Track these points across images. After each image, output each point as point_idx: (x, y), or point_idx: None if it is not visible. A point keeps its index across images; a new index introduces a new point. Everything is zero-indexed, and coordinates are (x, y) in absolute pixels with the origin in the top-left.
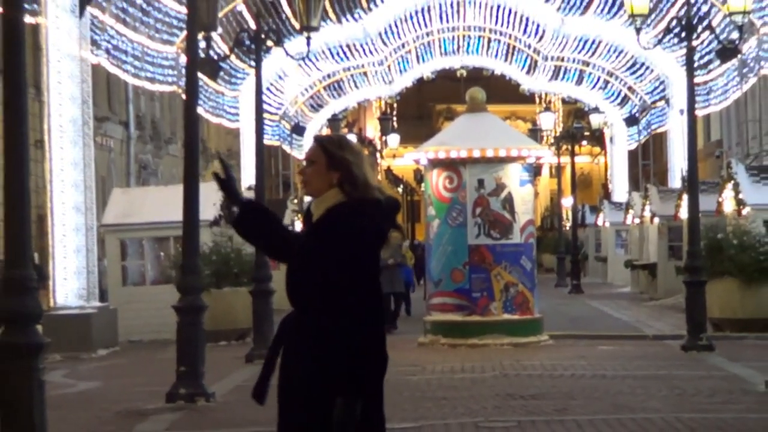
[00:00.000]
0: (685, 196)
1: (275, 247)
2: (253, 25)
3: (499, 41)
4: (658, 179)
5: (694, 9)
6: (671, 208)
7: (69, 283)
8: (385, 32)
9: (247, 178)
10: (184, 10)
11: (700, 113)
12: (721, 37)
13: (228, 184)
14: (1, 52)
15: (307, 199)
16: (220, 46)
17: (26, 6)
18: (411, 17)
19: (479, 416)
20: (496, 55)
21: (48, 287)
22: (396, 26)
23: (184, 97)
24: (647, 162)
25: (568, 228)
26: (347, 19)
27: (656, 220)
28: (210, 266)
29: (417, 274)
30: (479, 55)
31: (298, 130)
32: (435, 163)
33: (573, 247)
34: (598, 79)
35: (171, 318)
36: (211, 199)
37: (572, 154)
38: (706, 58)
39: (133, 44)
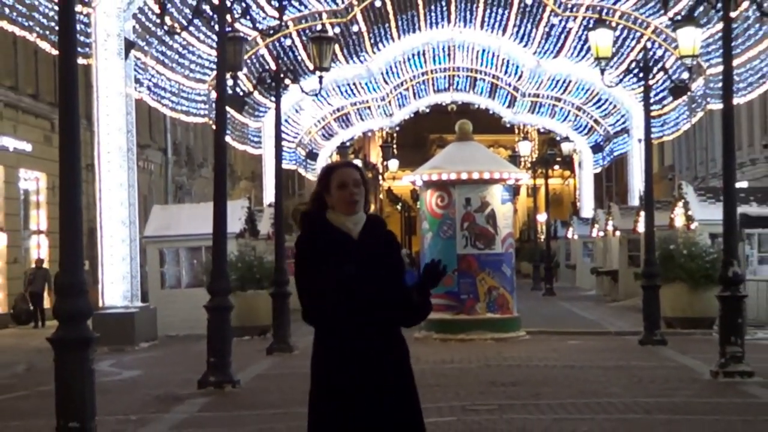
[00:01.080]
0: (642, 213)
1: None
2: (273, 66)
3: (484, 80)
4: (619, 198)
5: (651, 53)
6: (630, 223)
7: (115, 287)
8: (386, 72)
9: (268, 196)
10: (214, 53)
11: (655, 142)
12: (674, 77)
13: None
14: (58, 89)
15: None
16: (245, 84)
17: (79, 49)
18: (408, 60)
19: (466, 400)
20: (482, 92)
21: (97, 290)
22: (395, 67)
23: (214, 127)
24: (610, 183)
25: (542, 240)
26: (354, 61)
27: (618, 233)
28: (236, 272)
29: None
30: (467, 92)
31: (312, 155)
32: (429, 184)
33: (546, 256)
34: (569, 113)
35: (202, 316)
36: (237, 215)
37: (546, 177)
38: (660, 95)
39: (170, 82)
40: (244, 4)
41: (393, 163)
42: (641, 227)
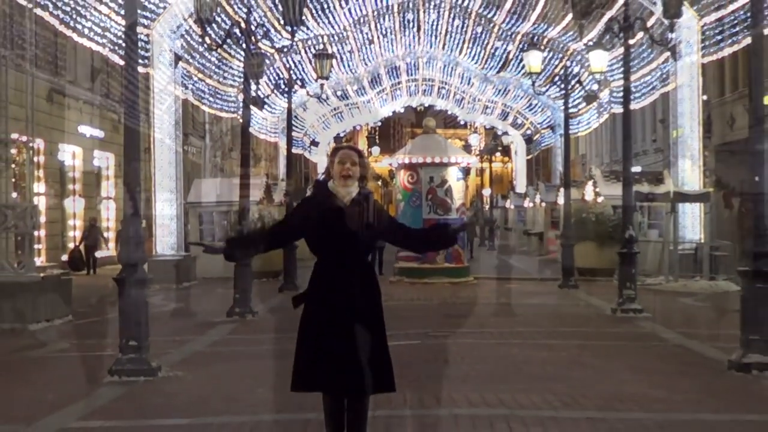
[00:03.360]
0: (561, 189)
1: (271, 244)
2: (286, 75)
3: (445, 88)
4: (545, 178)
5: (570, 69)
6: (553, 197)
7: (165, 240)
8: (371, 81)
9: (281, 173)
10: (242, 65)
11: (572, 136)
12: (587, 88)
13: (208, 249)
14: (124, 90)
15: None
16: (265, 88)
17: (140, 61)
18: (388, 72)
19: (428, 328)
20: (443, 97)
21: (151, 242)
22: (378, 77)
23: (241, 121)
24: (539, 167)
25: (487, 209)
26: (348, 72)
27: (543, 204)
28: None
29: None
30: (432, 97)
31: (314, 143)
32: (402, 166)
33: (490, 221)
34: (508, 113)
35: (230, 263)
36: (257, 187)
37: (490, 162)
38: (577, 101)
39: (208, 86)
40: (264, 29)
41: (375, 150)
42: (561, 200)
